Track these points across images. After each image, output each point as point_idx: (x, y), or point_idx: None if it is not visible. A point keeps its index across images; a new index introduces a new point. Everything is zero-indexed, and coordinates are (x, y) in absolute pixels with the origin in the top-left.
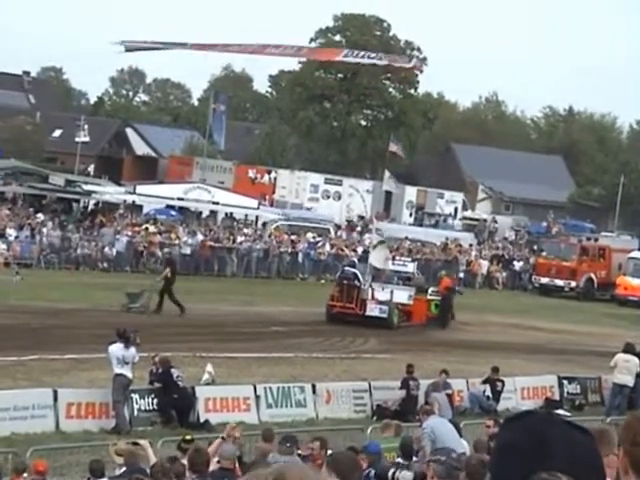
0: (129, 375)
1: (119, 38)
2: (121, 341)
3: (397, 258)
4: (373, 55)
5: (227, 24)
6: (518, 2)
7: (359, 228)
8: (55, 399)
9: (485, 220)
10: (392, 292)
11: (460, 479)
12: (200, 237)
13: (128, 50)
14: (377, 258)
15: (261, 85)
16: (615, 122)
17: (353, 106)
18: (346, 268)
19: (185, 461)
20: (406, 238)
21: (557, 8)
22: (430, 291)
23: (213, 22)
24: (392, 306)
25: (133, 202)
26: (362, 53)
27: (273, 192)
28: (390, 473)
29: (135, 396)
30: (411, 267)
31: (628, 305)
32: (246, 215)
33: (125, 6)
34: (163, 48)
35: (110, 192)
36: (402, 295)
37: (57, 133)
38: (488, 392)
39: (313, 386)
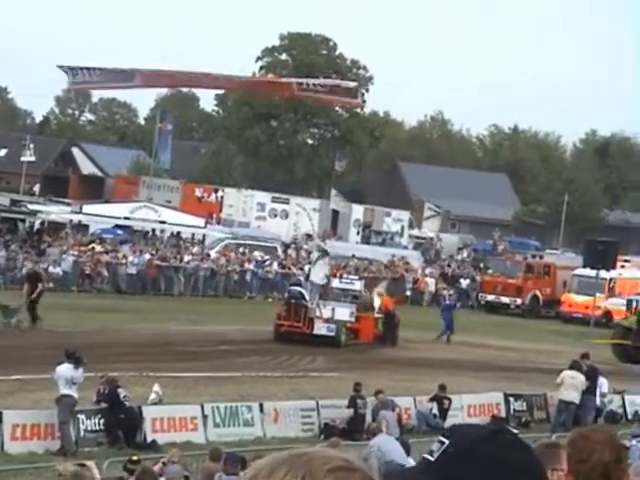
0: (75, 396)
1: (64, 61)
2: (70, 362)
3: (344, 276)
4: (321, 87)
5: (171, 42)
6: (461, 21)
7: (306, 246)
8: (0, 421)
9: (432, 238)
10: (334, 309)
11: None
12: (147, 256)
13: (71, 90)
14: (317, 274)
15: (207, 104)
16: (559, 141)
17: (300, 125)
18: (292, 287)
19: None
20: (353, 256)
21: (500, 27)
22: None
23: (159, 38)
24: (340, 325)
25: (79, 222)
26: (311, 84)
27: (220, 211)
28: None
29: (81, 416)
30: (358, 285)
31: (573, 322)
32: (193, 234)
33: (69, 25)
34: (109, 88)
35: (56, 212)
36: (344, 312)
37: (2, 152)
38: (435, 410)
39: (261, 405)
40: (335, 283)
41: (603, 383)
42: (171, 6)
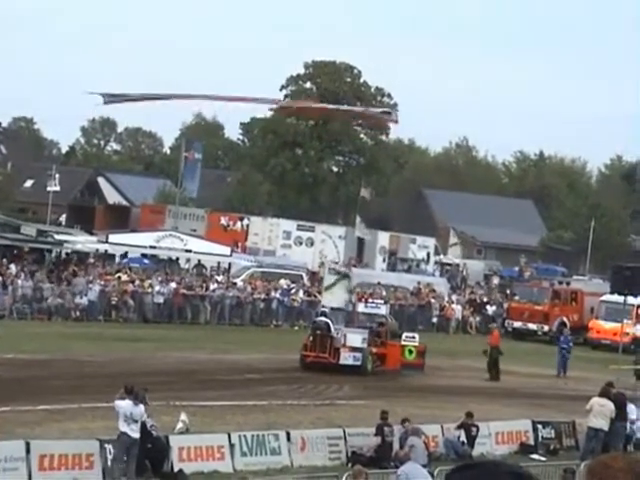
0: (133, 435)
1: (93, 88)
2: (130, 398)
3: (370, 300)
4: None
5: (197, 72)
6: (485, 47)
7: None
8: (27, 451)
9: (458, 265)
10: (345, 335)
11: None
12: (173, 285)
13: (107, 103)
14: (335, 298)
15: (232, 132)
16: (585, 166)
17: (325, 152)
18: (318, 318)
19: None
20: (379, 284)
21: (525, 53)
22: (404, 337)
23: (183, 70)
24: (365, 352)
25: (105, 251)
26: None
27: (246, 239)
28: None
29: (108, 446)
30: (384, 309)
31: (601, 349)
32: (219, 262)
33: (93, 56)
34: (142, 99)
35: (82, 241)
36: (355, 338)
37: (29, 183)
38: (463, 437)
39: (287, 434)
40: (360, 308)
41: (632, 410)
42: (195, 34)
